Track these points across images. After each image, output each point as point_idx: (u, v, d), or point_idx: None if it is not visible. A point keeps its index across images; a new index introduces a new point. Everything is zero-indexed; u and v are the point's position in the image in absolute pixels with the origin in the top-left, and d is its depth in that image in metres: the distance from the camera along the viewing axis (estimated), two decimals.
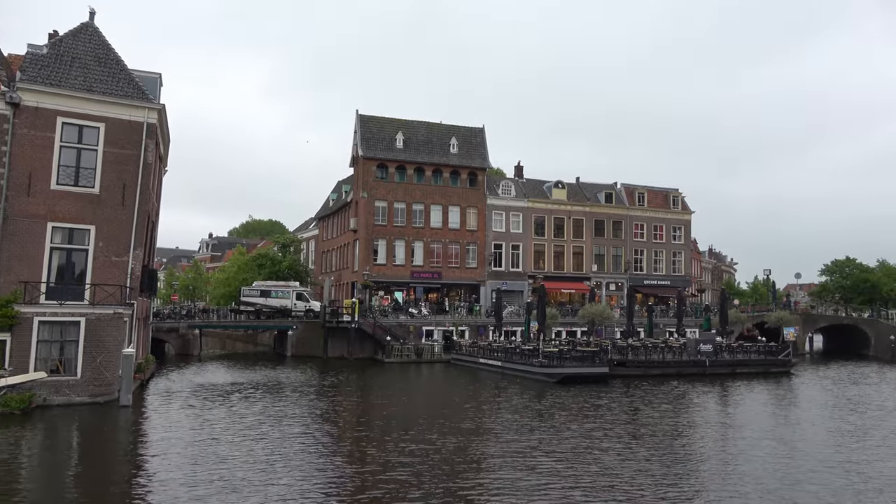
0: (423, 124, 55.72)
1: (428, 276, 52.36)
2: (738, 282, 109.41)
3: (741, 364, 36.66)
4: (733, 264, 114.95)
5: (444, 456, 15.46)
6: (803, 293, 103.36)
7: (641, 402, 24.82)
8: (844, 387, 31.21)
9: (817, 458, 15.79)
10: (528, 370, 32.35)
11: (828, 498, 12.42)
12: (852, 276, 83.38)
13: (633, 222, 60.65)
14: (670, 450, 16.64)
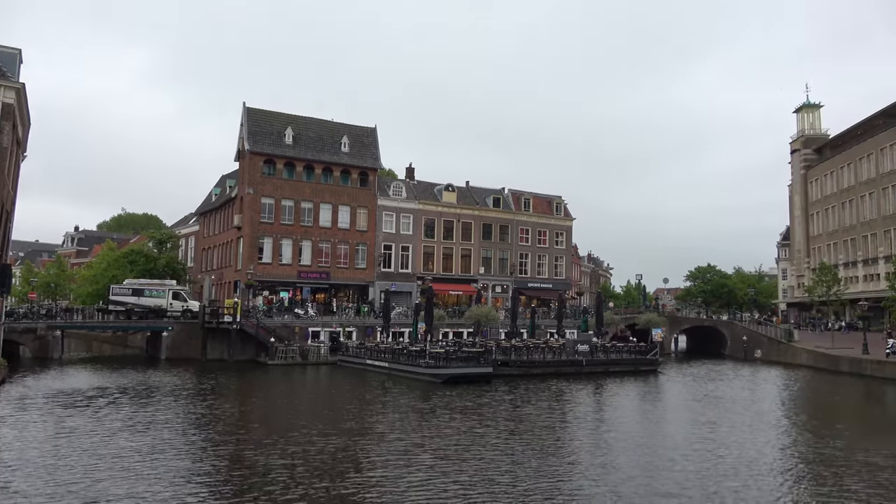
0: (313, 121, 54.65)
1: (316, 276, 51.37)
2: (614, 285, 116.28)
3: (614, 363, 38.87)
4: (609, 269, 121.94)
5: (325, 457, 15.24)
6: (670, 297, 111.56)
7: (522, 400, 25.73)
8: (703, 383, 33.98)
9: (676, 447, 17.10)
10: (415, 371, 32.55)
11: (683, 482, 13.47)
12: (713, 282, 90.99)
13: (518, 227, 62.73)
14: (546, 443, 17.41)
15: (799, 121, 75.24)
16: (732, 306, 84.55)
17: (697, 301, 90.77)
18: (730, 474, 14.28)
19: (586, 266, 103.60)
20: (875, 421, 23.56)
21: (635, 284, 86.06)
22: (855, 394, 30.83)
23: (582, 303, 75.32)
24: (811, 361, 43.34)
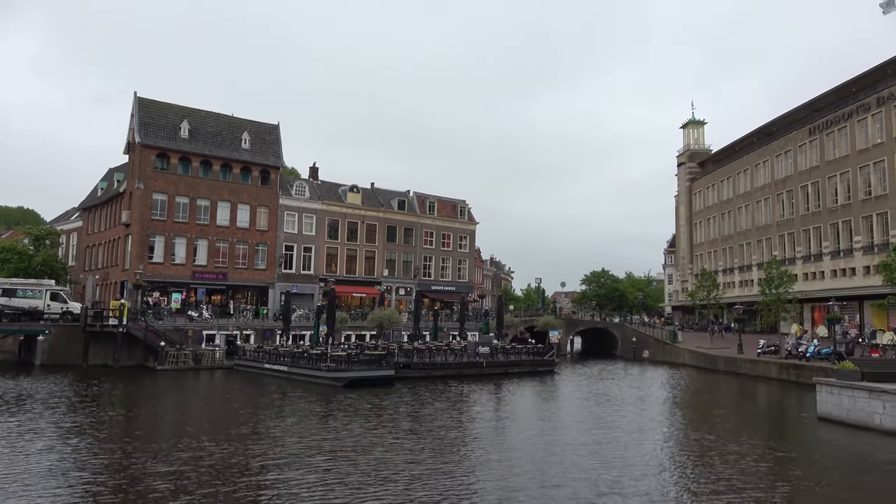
0: (212, 115, 52.47)
1: (212, 276, 49.29)
2: (515, 289, 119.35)
3: (513, 364, 39.89)
4: (511, 273, 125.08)
5: (215, 461, 14.71)
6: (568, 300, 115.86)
7: (422, 402, 25.86)
8: (595, 382, 35.58)
9: (567, 443, 17.86)
10: (316, 375, 31.95)
11: (572, 475, 14.14)
12: (606, 286, 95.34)
13: (423, 230, 63.07)
14: (444, 443, 17.60)
15: (685, 136, 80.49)
16: (624, 309, 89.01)
17: (592, 304, 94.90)
18: (615, 465, 15.15)
19: (489, 269, 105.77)
20: (744, 415, 25.58)
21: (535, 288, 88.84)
22: (729, 390, 33.30)
23: (484, 305, 76.81)
24: (693, 361, 46.44)
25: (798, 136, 54.89)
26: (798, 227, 54.16)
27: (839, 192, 49.47)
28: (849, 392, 20.92)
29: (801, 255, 53.40)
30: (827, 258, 50.18)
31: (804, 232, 53.40)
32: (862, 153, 47.00)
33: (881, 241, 44.29)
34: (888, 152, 44.36)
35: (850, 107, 48.58)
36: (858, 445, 18.13)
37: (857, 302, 46.27)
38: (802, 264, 52.71)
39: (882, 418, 19.44)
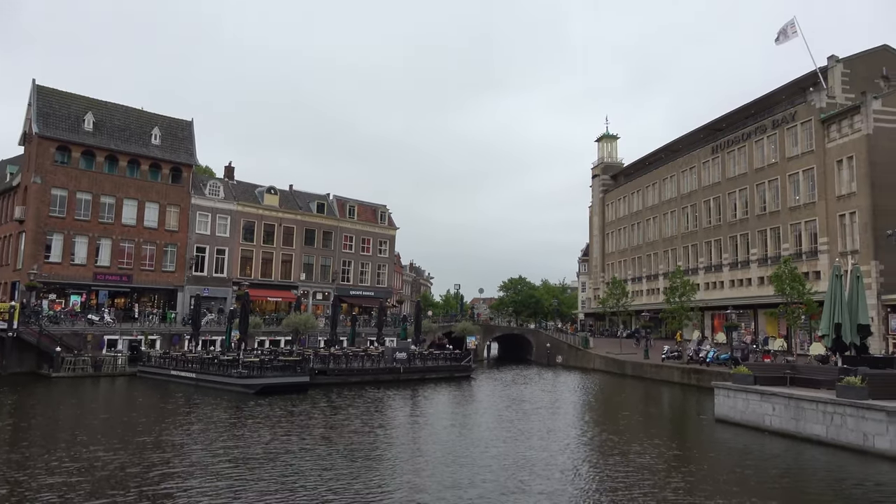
0: (119, 108, 49.88)
1: (116, 278, 46.74)
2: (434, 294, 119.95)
3: (430, 370, 40.01)
4: (430, 278, 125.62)
5: (110, 472, 13.93)
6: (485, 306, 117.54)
7: (337, 408, 25.50)
8: (509, 387, 36.23)
9: (479, 445, 18.10)
10: (226, 381, 30.86)
11: (482, 475, 14.43)
12: (523, 293, 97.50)
13: (342, 234, 62.35)
14: (357, 447, 17.43)
15: (599, 149, 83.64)
16: (539, 315, 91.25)
17: (509, 310, 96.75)
18: (524, 466, 15.56)
19: (408, 275, 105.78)
20: (648, 417, 26.77)
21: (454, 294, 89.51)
22: (635, 394, 34.74)
23: (403, 311, 76.70)
24: (603, 366, 48.15)
25: (702, 154, 58.20)
26: (701, 239, 57.36)
27: (738, 207, 52.80)
28: (743, 395, 22.30)
29: (703, 265, 56.56)
30: (726, 269, 53.39)
31: (706, 244, 56.60)
32: (758, 171, 50.39)
33: (774, 254, 47.58)
34: (781, 172, 47.78)
35: (749, 128, 52.02)
36: (749, 444, 19.36)
37: (752, 310, 49.45)
38: (704, 274, 55.83)
39: (771, 419, 20.84)
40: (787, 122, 47.48)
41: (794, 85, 49.11)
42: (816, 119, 44.36)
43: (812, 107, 45.16)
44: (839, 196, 42.19)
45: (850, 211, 41.20)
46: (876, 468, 15.85)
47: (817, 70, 45.73)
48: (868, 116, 40.31)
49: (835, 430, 18.38)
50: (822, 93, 44.90)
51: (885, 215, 38.59)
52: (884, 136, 40.12)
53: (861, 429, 17.56)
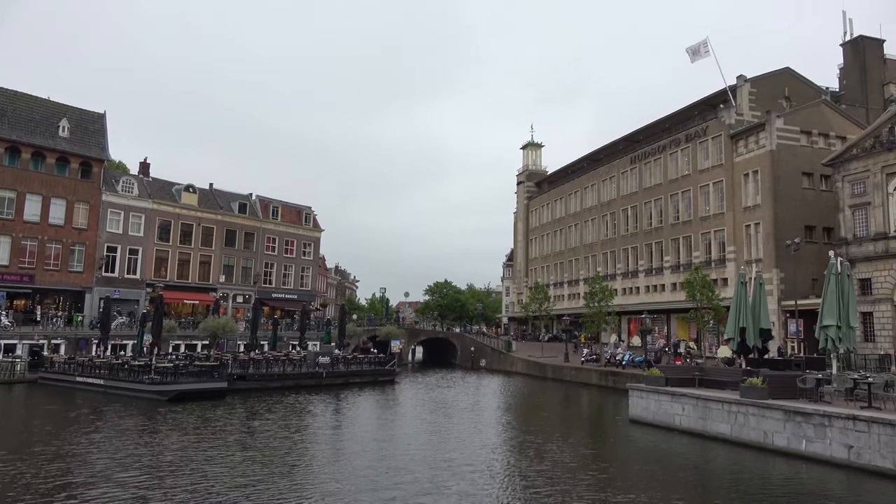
0: (23, 96, 46.75)
1: (15, 278, 43.68)
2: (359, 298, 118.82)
3: (354, 374, 39.54)
4: (356, 282, 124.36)
5: (3, 483, 13.00)
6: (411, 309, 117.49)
7: (255, 414, 24.80)
8: (433, 391, 36.34)
9: (400, 448, 18.08)
10: (138, 388, 29.37)
11: (400, 477, 14.48)
12: (448, 297, 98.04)
13: (265, 235, 60.78)
14: (274, 453, 17.01)
15: (524, 157, 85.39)
16: (464, 319, 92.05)
17: (435, 314, 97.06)
18: (443, 467, 15.75)
19: (333, 278, 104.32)
20: (566, 418, 27.55)
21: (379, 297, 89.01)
22: (555, 396, 35.59)
23: (327, 314, 75.54)
24: (525, 369, 49.08)
25: (621, 164, 60.45)
26: (619, 246, 59.51)
27: (653, 216, 55.15)
28: (655, 396, 23.26)
29: (620, 271, 58.69)
30: (642, 275, 55.62)
31: (623, 251, 58.77)
32: (673, 182, 52.83)
33: (686, 261, 49.98)
34: (693, 183, 50.28)
35: (665, 141, 54.47)
36: (659, 443, 20.23)
37: (665, 315, 51.73)
38: (622, 280, 57.95)
39: (681, 419, 21.83)
40: (700, 136, 50.04)
41: (706, 102, 51.84)
42: (726, 134, 46.99)
43: (722, 123, 47.81)
44: (745, 207, 44.81)
45: (755, 222, 43.84)
46: (773, 464, 16.88)
47: (727, 88, 48.46)
48: (772, 133, 43.06)
49: (738, 428, 19.45)
50: (732, 110, 47.62)
51: (786, 226, 41.30)
52: (786, 152, 42.95)
53: (762, 427, 18.66)
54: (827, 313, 20.99)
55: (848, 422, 16.23)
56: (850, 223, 37.21)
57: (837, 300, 20.91)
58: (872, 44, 49.96)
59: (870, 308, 34.87)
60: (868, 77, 49.60)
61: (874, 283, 35.28)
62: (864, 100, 48.99)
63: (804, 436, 17.31)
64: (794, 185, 42.89)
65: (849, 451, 16.08)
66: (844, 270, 21.56)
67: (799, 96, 49.01)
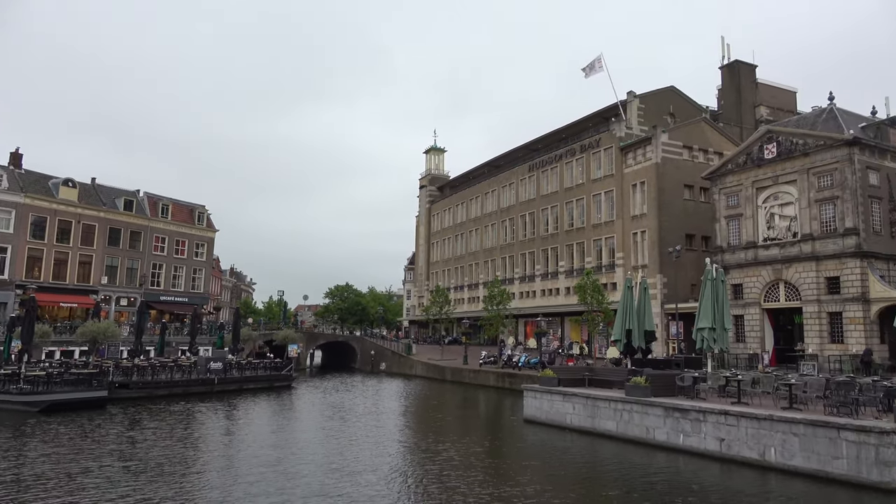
0: None
1: None
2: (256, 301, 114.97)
3: (248, 380, 38.19)
4: (253, 284, 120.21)
5: None
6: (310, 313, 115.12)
7: (137, 425, 23.39)
8: (330, 395, 35.78)
9: (293, 454, 17.75)
10: (4, 399, 26.83)
11: (292, 481, 14.31)
12: (349, 300, 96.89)
13: (154, 234, 57.50)
14: (155, 465, 16.08)
15: (427, 161, 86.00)
16: (365, 323, 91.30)
17: (335, 318, 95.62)
18: (335, 470, 15.72)
19: (228, 280, 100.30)
20: (463, 420, 27.97)
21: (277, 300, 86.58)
22: (454, 398, 36.05)
23: (220, 318, 72.53)
24: (424, 372, 49.36)
25: (520, 171, 62.24)
26: (517, 251, 61.20)
27: (549, 222, 57.16)
28: (548, 396, 24.09)
29: (518, 275, 60.35)
30: (538, 279, 57.48)
31: (521, 256, 60.49)
32: (568, 191, 55.02)
33: (579, 266, 52.15)
34: (587, 192, 52.61)
35: (561, 150, 56.65)
36: (551, 440, 21.00)
37: (559, 318, 53.72)
38: (519, 284, 59.60)
39: (572, 418, 22.74)
40: (593, 147, 52.46)
41: (599, 115, 54.43)
42: (617, 147, 49.55)
43: (613, 135, 50.38)
44: (633, 216, 47.42)
45: (642, 230, 46.50)
46: (654, 457, 17.95)
47: (618, 103, 51.14)
48: (657, 147, 45.87)
49: (623, 425, 20.52)
50: (622, 123, 50.30)
51: (669, 235, 44.07)
52: (670, 165, 45.88)
53: (644, 423, 19.79)
54: (703, 316, 22.62)
55: (720, 416, 17.54)
56: (725, 233, 40.27)
57: (713, 304, 22.58)
58: (746, 68, 54.43)
59: (741, 311, 37.85)
60: (742, 98, 53.98)
61: (745, 288, 38.35)
62: (738, 119, 53.23)
63: (682, 430, 18.52)
64: (677, 196, 45.89)
65: (720, 444, 17.36)
66: (719, 276, 23.32)
67: (682, 113, 52.56)
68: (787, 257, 36.34)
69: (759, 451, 16.37)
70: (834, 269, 34.05)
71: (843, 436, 14.69)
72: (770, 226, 37.83)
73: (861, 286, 32.76)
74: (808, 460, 15.28)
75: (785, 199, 37.22)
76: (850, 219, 33.67)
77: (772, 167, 37.55)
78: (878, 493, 13.63)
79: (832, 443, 14.87)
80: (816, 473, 14.94)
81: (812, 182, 35.61)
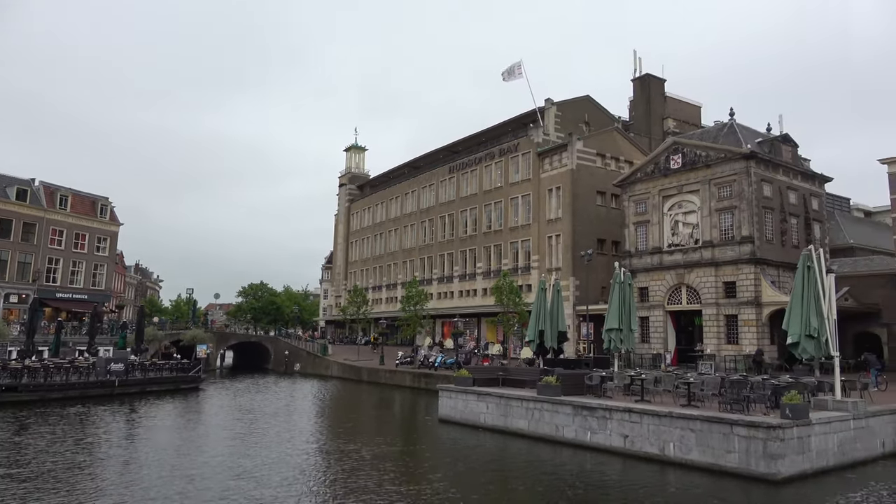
0: None
1: None
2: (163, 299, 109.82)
3: (153, 382, 36.38)
4: (160, 281, 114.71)
5: None
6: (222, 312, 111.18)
7: (25, 429, 21.80)
8: (240, 397, 34.67)
9: (198, 459, 17.08)
10: None
11: (194, 485, 13.76)
12: (263, 299, 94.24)
13: (50, 226, 53.79)
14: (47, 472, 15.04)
15: (347, 159, 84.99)
16: (280, 322, 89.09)
17: (248, 317, 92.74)
18: (241, 473, 15.31)
19: (133, 277, 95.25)
20: (379, 421, 27.81)
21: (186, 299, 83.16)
22: (369, 399, 35.77)
23: (123, 317, 68.80)
24: (340, 373, 48.69)
25: (440, 173, 62.61)
26: (436, 251, 61.50)
27: (468, 224, 57.82)
28: (463, 396, 24.31)
29: (437, 276, 60.66)
30: (456, 280, 57.99)
31: (440, 256, 60.85)
32: (487, 193, 55.83)
33: (496, 268, 53.03)
34: (505, 195, 53.58)
35: (481, 153, 57.43)
36: (464, 439, 21.20)
37: (476, 318, 54.41)
38: (438, 285, 59.91)
39: (485, 417, 23.04)
40: (512, 151, 53.50)
41: (518, 120, 55.59)
42: (534, 152, 50.75)
43: (531, 141, 51.58)
44: (549, 220, 48.73)
45: (557, 234, 47.84)
46: (562, 454, 18.50)
47: (537, 109, 52.42)
48: (573, 154, 47.34)
49: (535, 423, 21.00)
50: (540, 129, 51.59)
51: (582, 239, 45.57)
52: (584, 171, 47.46)
53: (554, 421, 20.33)
54: (611, 318, 23.54)
55: (624, 414, 18.28)
56: (634, 238, 42.09)
57: (620, 306, 23.54)
58: (656, 82, 57.14)
59: (647, 313, 39.65)
60: (652, 110, 56.61)
61: (650, 291, 40.22)
62: (648, 130, 55.80)
63: (589, 428, 19.16)
64: (590, 201, 47.54)
65: (624, 440, 18.10)
66: (627, 280, 24.34)
67: (597, 122, 54.53)
68: (689, 263, 38.40)
69: (660, 446, 17.18)
70: (731, 274, 36.28)
71: (736, 431, 15.65)
72: (674, 232, 39.86)
73: (754, 291, 35.06)
74: (703, 454, 16.18)
75: (688, 208, 39.33)
76: (745, 227, 35.97)
77: (677, 177, 39.58)
78: (765, 485, 14.59)
79: (725, 438, 15.80)
80: (711, 467, 15.84)
81: (713, 192, 37.81)
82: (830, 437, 16.36)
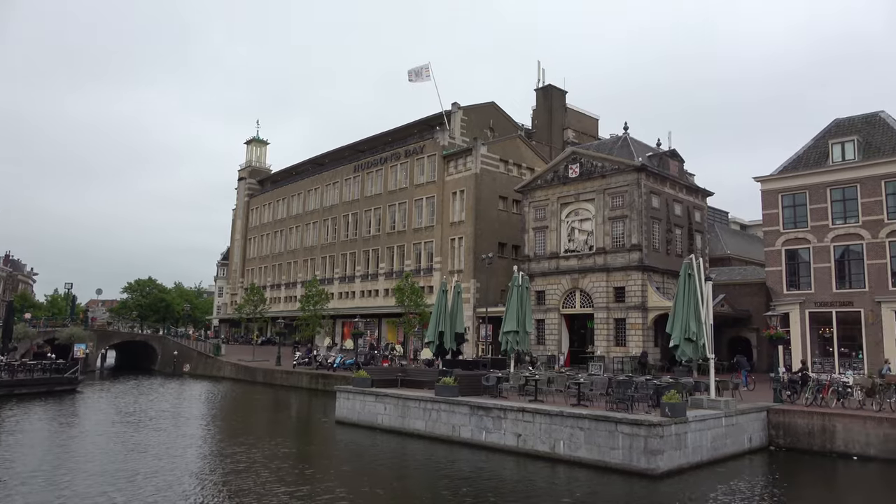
0: None
1: None
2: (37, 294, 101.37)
3: (21, 384, 33.46)
4: (33, 275, 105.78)
5: None
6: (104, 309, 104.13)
7: None
8: (121, 399, 32.59)
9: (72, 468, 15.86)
10: None
11: (59, 492, 12.96)
12: (151, 296, 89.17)
13: None
14: None
15: (248, 152, 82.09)
16: (170, 321, 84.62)
17: (134, 315, 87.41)
18: (115, 481, 14.50)
19: (2, 269, 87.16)
20: (273, 423, 27.00)
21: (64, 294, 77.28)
22: (264, 401, 34.65)
23: None
24: (234, 374, 46.86)
25: (345, 171, 61.79)
26: (338, 251, 60.60)
27: (372, 224, 57.41)
28: (360, 397, 24.04)
29: (338, 276, 59.77)
30: (358, 280, 57.40)
31: (342, 256, 60.02)
32: (391, 194, 55.68)
33: (399, 269, 52.97)
34: (409, 196, 53.66)
35: (387, 153, 57.21)
36: (360, 441, 21.02)
37: (377, 319, 54.09)
38: (339, 284, 59.04)
39: (383, 418, 22.91)
40: (418, 153, 53.68)
41: (425, 122, 55.84)
42: (440, 155, 51.17)
43: (437, 143, 51.97)
44: (452, 223, 49.28)
45: (459, 236, 48.46)
46: (460, 454, 18.70)
47: (443, 112, 52.89)
48: (477, 158, 48.14)
49: (432, 424, 21.10)
50: (446, 133, 52.08)
51: (484, 242, 46.44)
52: (487, 176, 48.38)
53: (451, 422, 20.53)
54: (508, 320, 24.09)
55: (518, 413, 18.74)
56: (533, 243, 43.37)
57: (517, 309, 24.15)
58: (558, 93, 59.22)
59: (543, 316, 40.95)
60: (553, 120, 58.59)
61: (547, 294, 41.57)
62: (549, 139, 57.69)
63: (485, 427, 19.50)
64: (492, 206, 48.53)
65: (518, 439, 18.56)
66: (524, 283, 25.02)
67: (501, 128, 55.74)
68: (583, 268, 40.04)
69: (551, 444, 17.75)
70: (621, 280, 38.17)
71: (620, 429, 16.44)
72: (571, 239, 41.44)
73: (641, 296, 37.08)
74: (590, 451, 16.88)
75: (584, 215, 41.01)
76: (635, 236, 37.98)
77: (575, 185, 41.19)
78: (645, 479, 15.42)
79: (611, 435, 16.57)
80: (597, 463, 16.56)
81: (607, 201, 39.65)
82: (705, 433, 17.54)
